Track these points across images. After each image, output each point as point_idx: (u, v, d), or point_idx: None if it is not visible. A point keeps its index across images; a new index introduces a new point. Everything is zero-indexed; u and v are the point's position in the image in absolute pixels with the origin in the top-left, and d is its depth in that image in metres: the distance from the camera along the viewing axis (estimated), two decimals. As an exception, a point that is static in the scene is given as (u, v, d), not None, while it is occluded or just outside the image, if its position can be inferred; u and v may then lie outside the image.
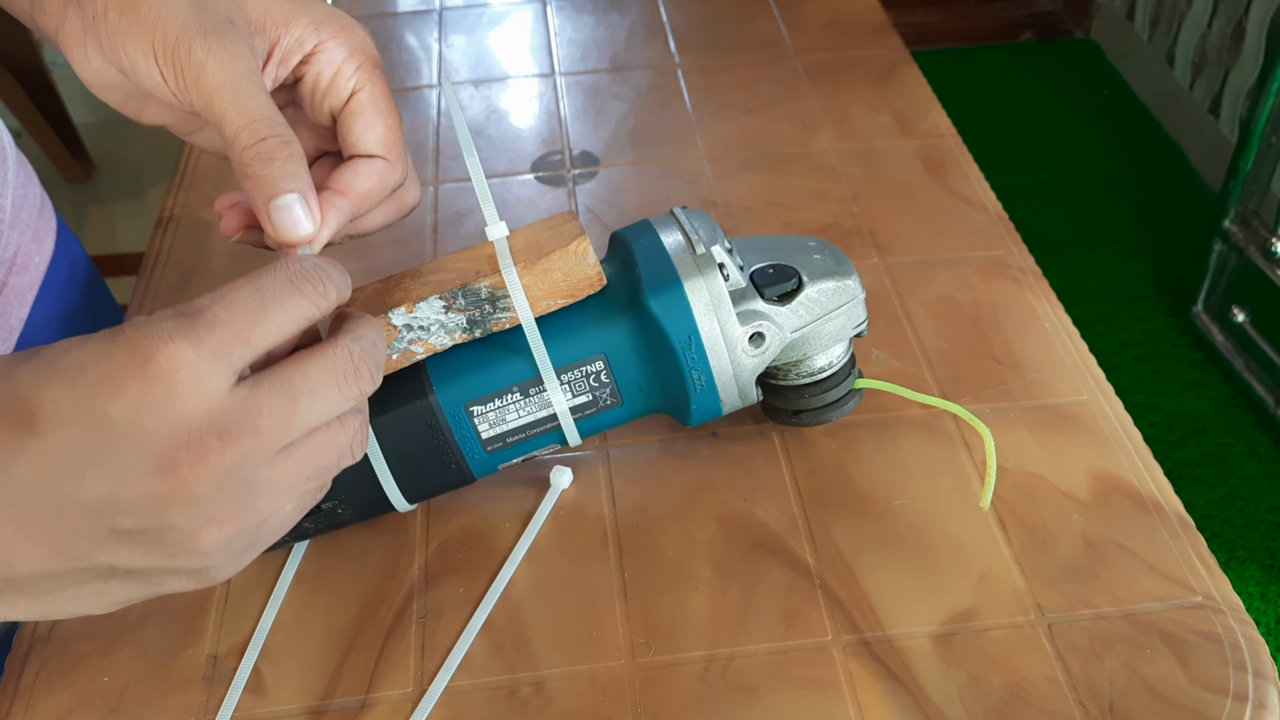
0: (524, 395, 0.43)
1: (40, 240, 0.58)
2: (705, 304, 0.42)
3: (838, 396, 0.47)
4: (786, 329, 0.44)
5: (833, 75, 0.77)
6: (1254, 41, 1.83)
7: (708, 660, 0.42)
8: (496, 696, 0.41)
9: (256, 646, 0.43)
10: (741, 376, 0.44)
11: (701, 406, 0.44)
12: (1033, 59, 2.38)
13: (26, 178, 0.58)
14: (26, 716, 0.41)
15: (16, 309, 0.55)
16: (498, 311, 0.42)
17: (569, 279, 0.42)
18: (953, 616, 0.43)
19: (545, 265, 0.41)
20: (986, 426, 0.44)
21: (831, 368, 0.46)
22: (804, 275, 0.44)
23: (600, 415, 0.45)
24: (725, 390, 0.44)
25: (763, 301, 0.43)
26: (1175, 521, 0.46)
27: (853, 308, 0.45)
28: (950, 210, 0.64)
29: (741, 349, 0.43)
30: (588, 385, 0.44)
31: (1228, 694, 0.40)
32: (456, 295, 0.41)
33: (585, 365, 0.43)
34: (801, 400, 0.46)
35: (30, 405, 0.29)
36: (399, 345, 0.41)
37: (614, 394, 0.44)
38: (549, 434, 0.45)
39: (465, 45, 0.83)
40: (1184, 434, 1.56)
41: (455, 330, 0.42)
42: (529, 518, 0.48)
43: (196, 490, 0.30)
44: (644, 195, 0.67)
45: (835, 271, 0.45)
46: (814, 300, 0.44)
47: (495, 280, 0.41)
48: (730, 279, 0.43)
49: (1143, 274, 1.82)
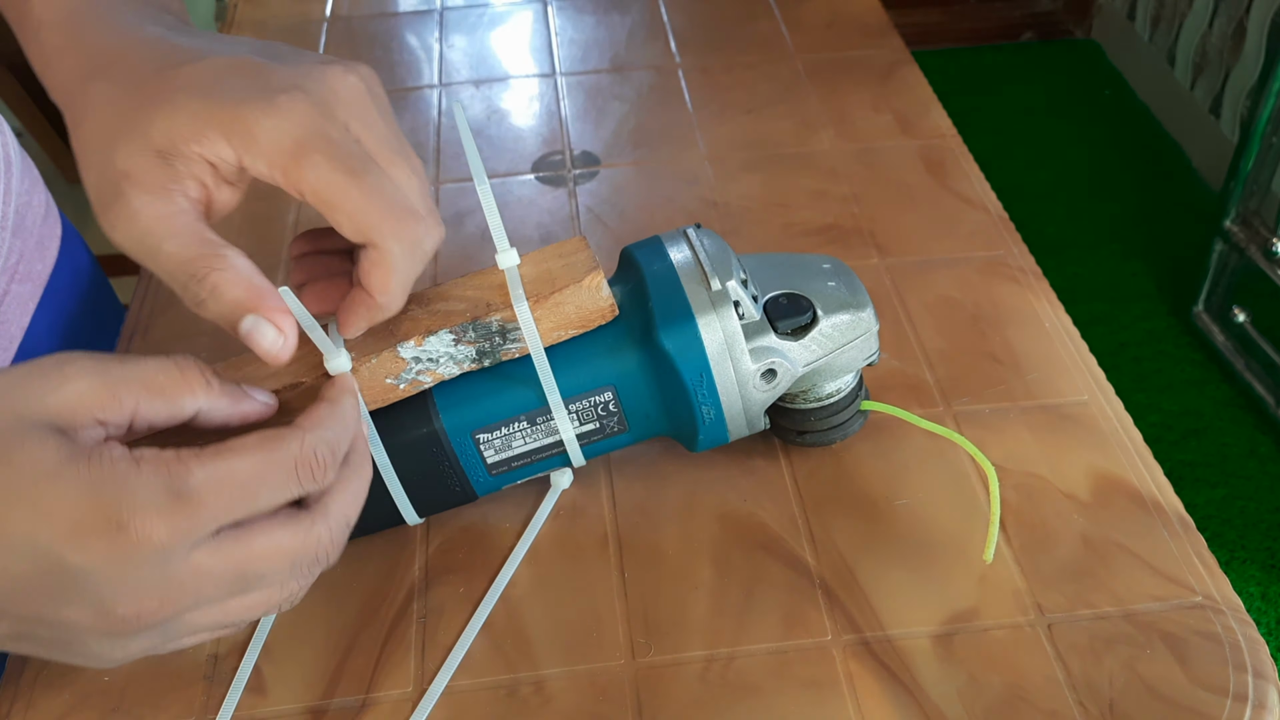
0: (530, 424, 0.43)
1: (44, 247, 0.57)
2: (719, 342, 0.42)
3: (844, 420, 0.46)
4: (799, 364, 0.43)
5: (833, 75, 0.77)
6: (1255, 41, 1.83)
7: (708, 660, 0.42)
8: (497, 696, 0.41)
9: (257, 646, 0.43)
10: (751, 410, 0.44)
11: (709, 436, 0.44)
12: (1033, 59, 2.38)
13: (32, 183, 0.57)
14: (27, 716, 0.41)
15: (18, 317, 0.54)
16: (507, 343, 0.41)
17: (581, 311, 0.41)
18: (953, 616, 0.43)
19: (558, 299, 0.41)
20: (992, 466, 0.43)
21: (840, 393, 0.46)
22: (818, 308, 0.43)
23: (606, 441, 0.44)
24: (734, 422, 0.44)
25: (775, 337, 0.43)
26: (1176, 521, 0.46)
27: (866, 340, 0.45)
28: (950, 210, 0.64)
29: (753, 385, 0.43)
30: (595, 414, 0.43)
31: (1228, 694, 0.40)
32: (467, 329, 0.41)
33: (594, 395, 0.43)
34: (807, 423, 0.46)
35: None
36: (407, 376, 0.41)
37: (621, 422, 0.44)
38: (554, 458, 0.45)
39: (466, 45, 0.83)
40: (1184, 434, 1.56)
41: (464, 361, 0.41)
42: (529, 517, 0.48)
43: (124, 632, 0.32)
44: (644, 195, 0.67)
45: (850, 304, 0.44)
46: (828, 335, 0.43)
47: (507, 314, 0.41)
48: (745, 315, 0.42)
49: (1143, 274, 1.82)
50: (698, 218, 0.64)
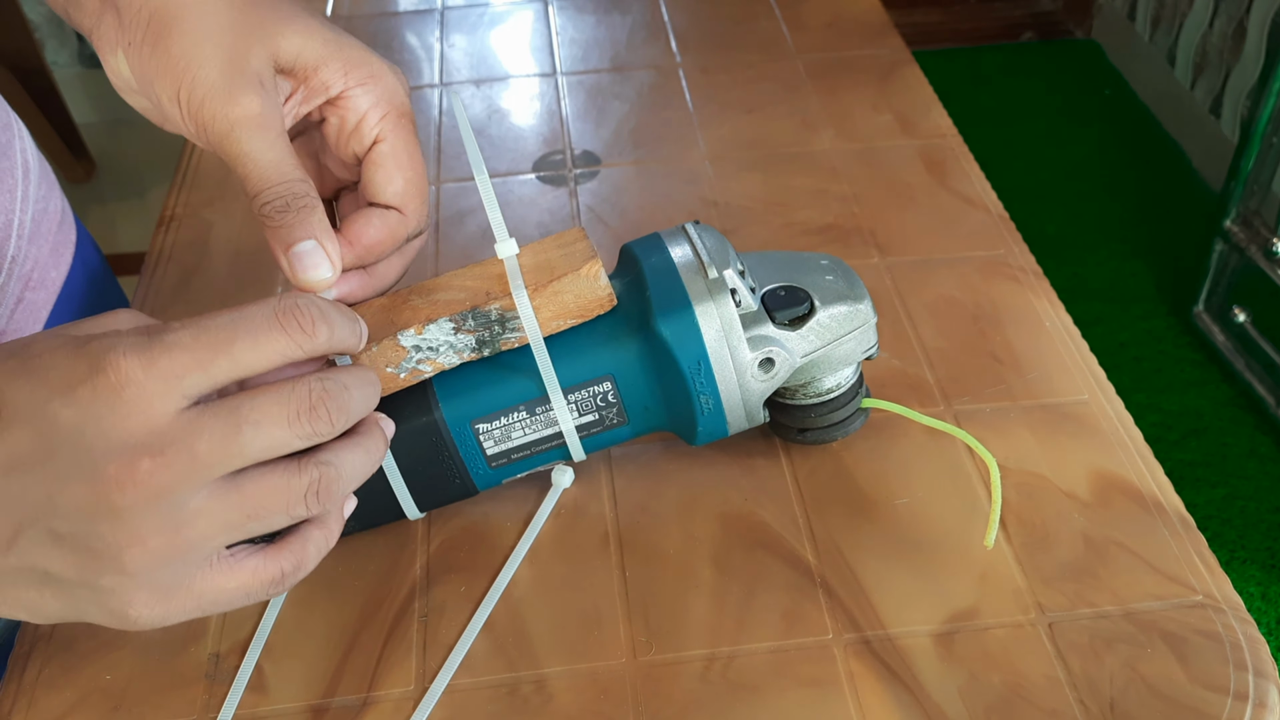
0: (530, 414, 0.43)
1: (59, 254, 0.57)
2: (716, 330, 0.42)
3: (844, 416, 0.46)
4: (796, 354, 0.43)
5: (833, 75, 0.77)
6: (1255, 41, 1.83)
7: (709, 659, 0.42)
8: (498, 695, 0.42)
9: (259, 645, 0.43)
10: (750, 401, 0.44)
11: (708, 428, 0.44)
12: (1033, 59, 2.38)
13: (49, 189, 0.57)
14: (29, 715, 0.41)
15: (31, 325, 0.54)
16: (507, 332, 0.42)
17: (580, 300, 0.42)
18: (953, 615, 0.43)
19: (556, 288, 0.41)
20: (993, 457, 0.44)
21: (840, 388, 0.46)
22: (815, 299, 0.44)
23: (605, 434, 0.45)
24: (733, 413, 0.44)
25: (773, 326, 0.43)
26: (1176, 521, 0.47)
27: (864, 332, 0.45)
28: (951, 210, 0.64)
29: (751, 374, 0.43)
30: (594, 405, 0.43)
31: (1228, 693, 0.40)
32: (466, 318, 0.41)
33: (593, 385, 0.43)
34: (808, 419, 0.46)
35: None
36: (407, 365, 0.41)
37: (620, 414, 0.44)
38: (554, 450, 0.45)
39: (466, 45, 0.83)
40: (1185, 434, 1.56)
41: (464, 350, 0.42)
42: (530, 517, 0.48)
43: (124, 503, 0.30)
44: (645, 195, 0.67)
45: (847, 295, 0.44)
46: (825, 325, 0.44)
47: (506, 303, 0.41)
48: (742, 304, 0.42)
49: (1143, 274, 1.83)
50: (698, 217, 0.64)
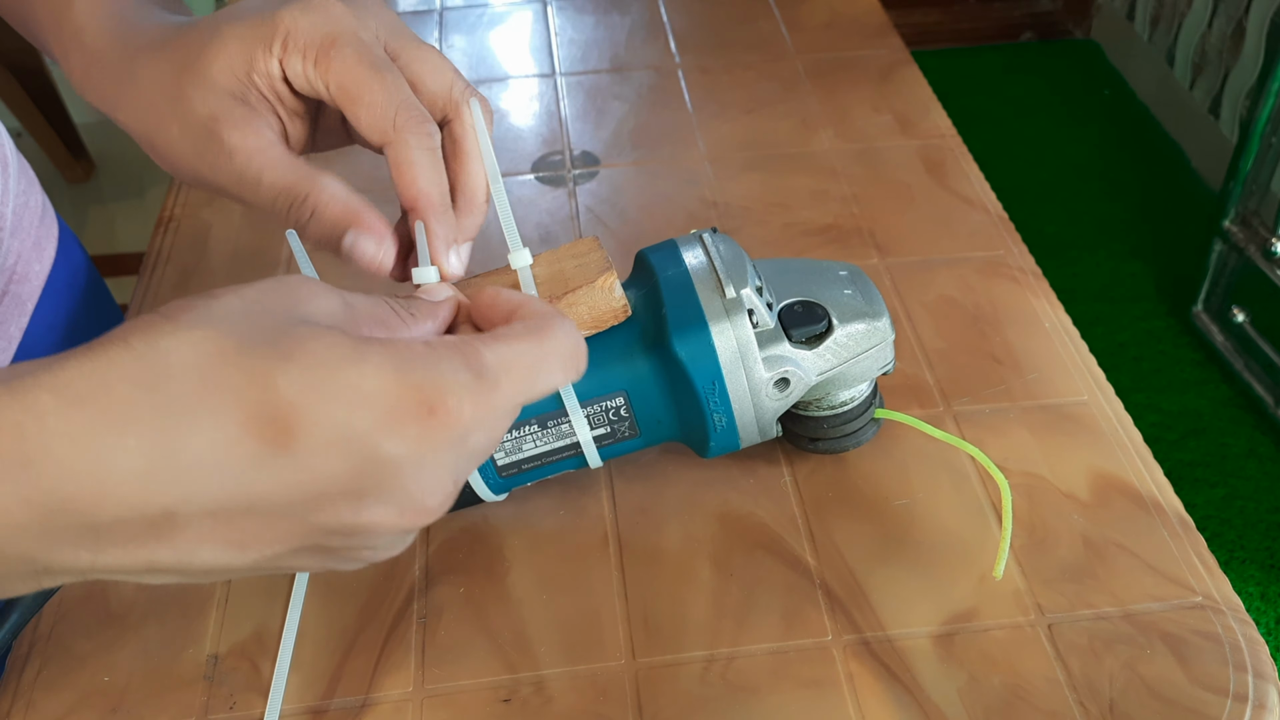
0: (541, 427, 0.43)
1: (41, 248, 0.57)
2: (732, 350, 0.41)
3: (858, 428, 0.46)
4: (812, 373, 0.43)
5: (833, 75, 0.77)
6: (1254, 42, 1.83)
7: (708, 660, 0.42)
8: (497, 696, 0.41)
9: (289, 643, 0.43)
10: (763, 418, 0.43)
11: (720, 443, 0.44)
12: (1033, 59, 2.38)
13: (28, 184, 0.57)
14: (27, 716, 0.41)
15: (16, 318, 0.54)
16: None
17: (594, 312, 0.41)
18: (953, 616, 0.43)
19: (571, 300, 0.41)
20: (1006, 479, 0.43)
21: (854, 401, 0.46)
22: (834, 316, 0.43)
23: (617, 445, 0.44)
24: (746, 430, 0.44)
25: (790, 345, 0.42)
26: (1175, 521, 0.46)
27: (881, 350, 0.44)
28: (950, 210, 0.64)
29: (766, 393, 0.42)
30: (607, 419, 0.43)
31: (1228, 694, 0.40)
32: None
33: (606, 400, 0.43)
34: (821, 430, 0.46)
35: (289, 418, 0.26)
36: None
37: (633, 427, 0.44)
38: (565, 460, 0.44)
39: (466, 45, 0.83)
40: (1184, 434, 1.56)
41: None
42: (530, 517, 0.48)
43: (424, 522, 0.30)
44: (644, 195, 0.67)
45: (866, 312, 0.44)
46: (842, 344, 0.43)
47: None
48: (759, 324, 0.42)
49: (1143, 274, 1.83)
50: (698, 218, 0.64)
